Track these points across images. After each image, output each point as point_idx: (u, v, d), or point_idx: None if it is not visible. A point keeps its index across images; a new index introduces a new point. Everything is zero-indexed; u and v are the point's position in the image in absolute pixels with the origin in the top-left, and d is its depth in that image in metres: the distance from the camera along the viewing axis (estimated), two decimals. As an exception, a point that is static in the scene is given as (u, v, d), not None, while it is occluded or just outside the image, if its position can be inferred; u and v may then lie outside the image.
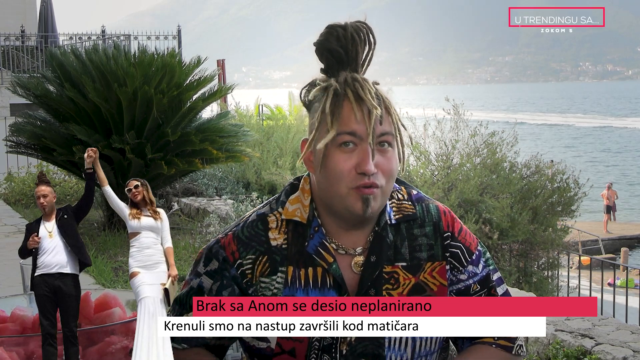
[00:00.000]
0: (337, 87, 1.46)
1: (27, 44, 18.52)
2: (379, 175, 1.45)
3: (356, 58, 1.49)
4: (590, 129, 70.76)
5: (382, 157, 1.46)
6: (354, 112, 1.44)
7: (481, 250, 1.62)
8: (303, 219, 1.54)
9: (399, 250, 1.55)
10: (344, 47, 1.48)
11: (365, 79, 1.48)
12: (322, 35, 1.50)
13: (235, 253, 1.54)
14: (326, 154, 1.46)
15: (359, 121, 1.44)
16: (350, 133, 1.44)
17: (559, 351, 5.27)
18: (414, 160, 11.97)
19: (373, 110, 1.43)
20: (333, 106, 1.45)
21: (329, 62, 1.50)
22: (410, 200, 1.60)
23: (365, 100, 1.44)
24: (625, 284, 10.91)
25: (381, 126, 1.46)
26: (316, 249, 1.52)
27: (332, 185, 1.47)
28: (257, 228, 1.55)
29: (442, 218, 1.59)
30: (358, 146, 1.45)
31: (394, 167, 1.48)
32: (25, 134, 10.48)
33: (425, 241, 1.57)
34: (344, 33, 1.48)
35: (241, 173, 14.05)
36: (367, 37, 1.51)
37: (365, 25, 1.51)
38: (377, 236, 1.54)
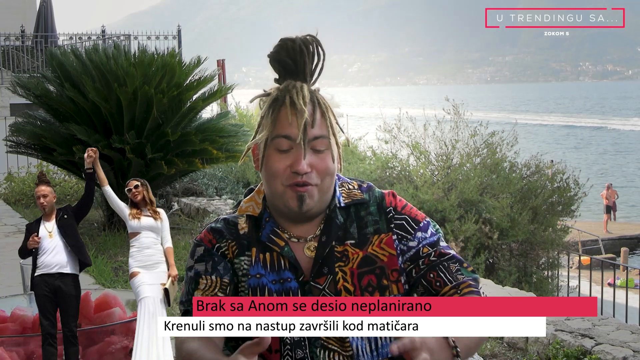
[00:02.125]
0: (277, 94, 1.61)
1: (27, 44, 18.52)
2: (312, 175, 1.59)
3: (304, 69, 1.62)
4: (590, 129, 70.75)
5: (316, 157, 1.60)
6: (288, 116, 1.58)
7: (429, 221, 1.72)
8: (255, 212, 1.71)
9: (348, 230, 1.67)
10: (292, 58, 1.61)
11: (304, 85, 1.61)
12: (274, 48, 1.63)
13: (212, 240, 1.70)
14: (265, 154, 1.62)
15: (292, 125, 1.58)
16: (285, 136, 1.59)
17: (559, 351, 5.27)
18: (414, 160, 11.97)
19: (302, 113, 1.57)
20: (271, 111, 1.61)
21: (280, 73, 1.64)
22: (360, 189, 1.73)
23: (297, 105, 1.57)
24: (625, 284, 10.91)
25: (314, 129, 1.59)
26: (268, 236, 1.67)
27: (270, 182, 1.62)
28: (229, 224, 1.72)
29: (385, 198, 1.71)
30: (293, 148, 1.59)
31: (328, 166, 1.61)
32: (25, 134, 10.48)
33: (371, 219, 1.69)
34: (292, 45, 1.61)
35: (241, 173, 14.05)
36: (316, 49, 1.63)
37: (314, 38, 1.63)
38: (327, 218, 1.67)
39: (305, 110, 1.58)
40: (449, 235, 10.34)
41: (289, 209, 1.61)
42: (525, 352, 5.68)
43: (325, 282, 1.64)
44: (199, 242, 1.73)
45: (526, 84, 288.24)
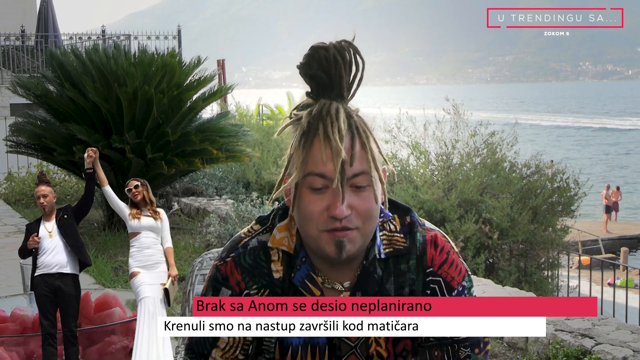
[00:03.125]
0: (307, 123, 1.37)
1: (27, 44, 18.52)
2: (352, 217, 1.38)
3: (340, 82, 1.40)
4: (590, 129, 70.75)
5: (356, 197, 1.38)
6: (322, 151, 1.35)
7: (465, 286, 1.53)
8: (290, 248, 1.50)
9: (384, 287, 1.50)
10: (326, 71, 1.39)
11: (340, 110, 1.38)
12: (304, 58, 1.41)
13: (240, 283, 1.49)
14: (297, 194, 1.40)
15: (327, 162, 1.35)
16: (319, 175, 1.36)
17: (559, 351, 5.27)
18: (413, 160, 11.97)
19: (338, 152, 1.33)
20: (301, 145, 1.38)
21: (312, 87, 1.42)
22: (403, 231, 1.53)
23: (331, 140, 1.34)
24: (625, 284, 10.92)
25: (353, 166, 1.36)
26: (302, 281, 1.48)
27: (304, 226, 1.41)
28: (260, 259, 1.50)
29: (427, 251, 1.51)
30: (329, 188, 1.36)
31: (371, 207, 1.39)
32: (25, 134, 10.48)
33: (409, 277, 1.51)
34: (326, 55, 1.38)
35: (241, 173, 14.05)
36: (353, 58, 1.40)
37: (350, 45, 1.40)
38: (364, 271, 1.48)
39: (342, 147, 1.33)
40: (449, 235, 10.34)
41: (326, 255, 1.41)
42: (525, 352, 5.68)
43: (357, 341, 1.52)
44: (223, 279, 1.50)
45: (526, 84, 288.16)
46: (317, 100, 1.41)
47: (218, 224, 9.60)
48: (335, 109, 1.38)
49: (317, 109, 1.38)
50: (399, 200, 1.58)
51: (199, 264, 3.06)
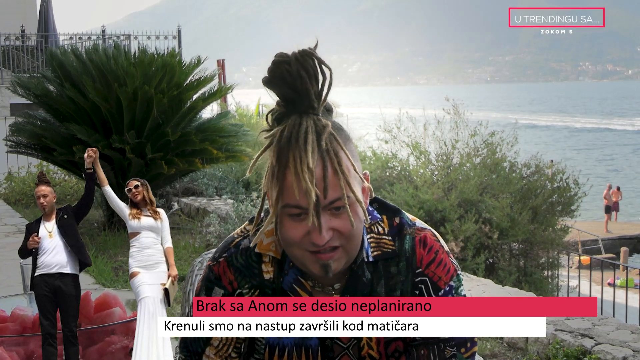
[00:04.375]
0: (277, 156, 1.35)
1: (27, 44, 18.52)
2: (335, 238, 1.37)
3: (308, 95, 1.35)
4: (590, 129, 70.74)
5: (336, 219, 1.36)
6: (294, 186, 1.33)
7: (453, 286, 1.52)
8: (277, 254, 1.50)
9: (374, 289, 1.50)
10: (291, 86, 1.35)
11: (309, 135, 1.33)
12: (268, 73, 1.38)
13: (233, 283, 1.51)
14: (278, 220, 1.39)
15: (300, 195, 1.33)
16: (294, 206, 1.35)
17: (559, 351, 5.27)
18: (414, 160, 11.98)
19: (309, 193, 1.31)
20: (275, 178, 1.36)
21: (280, 102, 1.39)
22: (391, 233, 1.52)
23: (301, 181, 1.31)
24: (625, 284, 10.93)
25: (328, 196, 1.34)
26: (291, 286, 1.49)
27: (287, 247, 1.41)
28: (251, 259, 1.51)
29: (416, 251, 1.51)
30: (307, 215, 1.35)
31: (354, 225, 1.37)
32: (25, 133, 10.48)
33: (399, 279, 1.51)
34: (289, 70, 1.35)
35: (241, 173, 14.04)
36: (318, 68, 1.36)
37: (313, 55, 1.35)
38: (353, 274, 1.48)
39: (312, 187, 1.31)
40: (449, 235, 10.34)
41: (312, 273, 1.42)
42: (525, 352, 5.68)
43: (349, 342, 1.53)
44: (216, 279, 1.52)
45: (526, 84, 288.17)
46: (287, 110, 1.38)
47: (218, 224, 9.60)
48: (304, 134, 1.34)
49: (286, 135, 1.35)
50: (398, 200, 1.56)
51: (199, 263, 3.06)
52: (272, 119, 1.42)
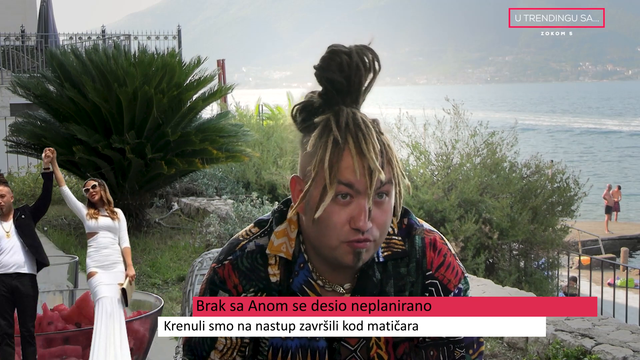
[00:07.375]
0: (337, 137, 1.33)
1: (27, 44, 18.51)
2: (373, 229, 1.37)
3: (359, 88, 1.37)
4: (590, 129, 70.74)
5: (378, 209, 1.37)
6: (355, 167, 1.32)
7: (462, 288, 1.54)
8: (288, 255, 1.49)
9: (384, 290, 1.50)
10: (347, 76, 1.35)
11: (369, 123, 1.35)
12: (323, 61, 1.36)
13: (238, 286, 1.50)
14: (319, 204, 1.36)
15: (358, 173, 1.32)
16: (347, 184, 1.33)
17: (559, 351, 5.27)
18: (414, 160, 11.98)
19: (376, 172, 1.32)
20: (332, 160, 1.33)
21: (328, 90, 1.37)
22: (401, 234, 1.52)
23: (368, 159, 1.32)
24: (625, 284, 10.92)
25: (384, 177, 1.35)
26: (301, 287, 1.48)
27: (323, 235, 1.38)
28: (257, 262, 1.50)
29: (426, 254, 1.51)
30: (354, 199, 1.34)
31: (388, 219, 1.39)
32: (25, 133, 10.48)
33: (409, 280, 1.51)
34: (348, 61, 1.35)
35: (241, 173, 14.05)
36: (372, 64, 1.38)
37: (371, 51, 1.37)
38: (363, 274, 1.48)
39: (378, 166, 1.32)
40: (449, 235, 10.34)
41: (340, 263, 1.40)
42: (525, 352, 5.68)
43: (358, 344, 1.53)
44: (221, 282, 1.50)
45: (526, 84, 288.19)
46: (326, 103, 1.38)
47: (218, 224, 9.60)
48: (364, 123, 1.35)
49: (342, 121, 1.35)
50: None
51: (199, 264, 3.06)
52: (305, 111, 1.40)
